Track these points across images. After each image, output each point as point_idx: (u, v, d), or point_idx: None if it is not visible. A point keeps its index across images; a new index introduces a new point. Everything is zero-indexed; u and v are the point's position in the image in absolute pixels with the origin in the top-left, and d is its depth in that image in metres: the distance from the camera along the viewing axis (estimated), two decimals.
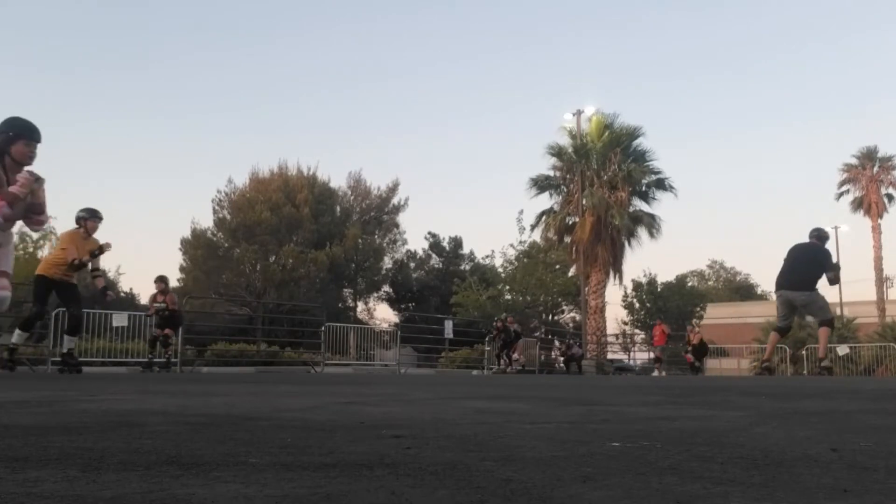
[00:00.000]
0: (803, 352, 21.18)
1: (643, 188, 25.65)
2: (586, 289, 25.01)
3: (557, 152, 26.10)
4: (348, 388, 3.83)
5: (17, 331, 8.02)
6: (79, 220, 8.13)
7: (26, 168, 5.00)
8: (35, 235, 26.50)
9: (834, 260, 8.54)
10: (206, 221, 31.23)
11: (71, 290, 7.84)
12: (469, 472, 0.95)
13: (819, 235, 8.28)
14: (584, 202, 24.58)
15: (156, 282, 11.24)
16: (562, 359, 21.70)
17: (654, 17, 60.84)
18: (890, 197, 33.55)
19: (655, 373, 18.39)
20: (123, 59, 50.17)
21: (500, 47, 61.70)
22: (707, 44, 61.33)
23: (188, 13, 50.80)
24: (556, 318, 31.93)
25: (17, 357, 8.05)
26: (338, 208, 32.24)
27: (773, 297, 9.14)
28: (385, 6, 57.12)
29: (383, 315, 36.24)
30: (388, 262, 33.77)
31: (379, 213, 33.11)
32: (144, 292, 50.54)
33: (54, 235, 26.98)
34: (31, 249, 26.35)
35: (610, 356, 26.01)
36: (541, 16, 60.18)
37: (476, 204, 63.90)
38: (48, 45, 47.41)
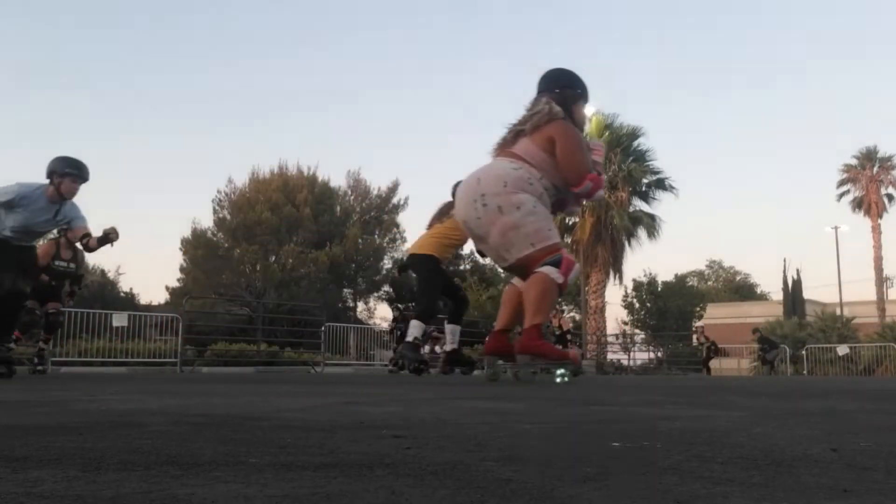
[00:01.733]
0: (803, 352, 21.20)
1: (643, 188, 25.66)
2: (586, 289, 25.03)
3: None
4: (348, 388, 3.83)
5: (416, 322, 6.39)
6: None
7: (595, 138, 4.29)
8: None
9: None
10: (207, 221, 31.26)
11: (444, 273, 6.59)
12: (469, 472, 0.95)
13: None
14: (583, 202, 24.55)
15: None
16: None
17: (654, 17, 60.85)
18: (890, 197, 33.56)
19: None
20: (124, 59, 50.19)
21: (499, 47, 61.74)
22: (707, 44, 61.35)
23: (188, 13, 50.80)
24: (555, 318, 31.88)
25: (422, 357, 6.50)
26: (338, 208, 32.25)
27: (773, 297, 9.15)
28: (384, 7, 57.14)
29: (383, 315, 36.19)
30: (388, 262, 33.77)
31: (379, 212, 33.11)
32: (145, 292, 50.57)
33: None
34: None
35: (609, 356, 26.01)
36: (541, 16, 60.21)
37: None
38: (48, 42, 47.42)
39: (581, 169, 3.95)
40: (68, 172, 5.12)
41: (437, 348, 15.89)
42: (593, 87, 4.43)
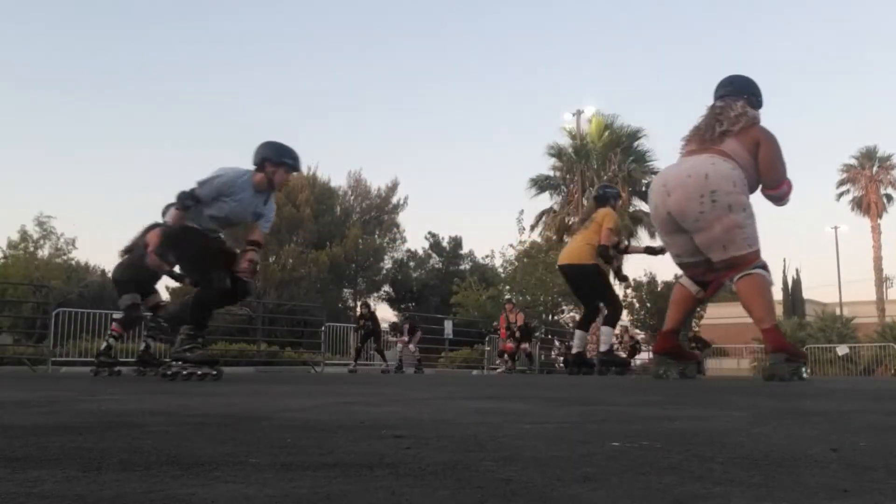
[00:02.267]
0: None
1: (643, 188, 25.69)
2: None
3: (557, 152, 26.16)
4: (348, 387, 3.83)
5: (607, 329, 6.94)
6: (611, 196, 7.09)
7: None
8: (36, 235, 26.48)
9: None
10: None
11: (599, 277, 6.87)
12: (469, 472, 0.95)
13: None
14: (584, 202, 24.62)
15: None
16: (561, 359, 21.70)
17: (653, 17, 60.87)
18: (889, 197, 33.59)
19: (502, 368, 15.64)
20: (124, 60, 50.21)
21: (500, 47, 61.73)
22: (707, 44, 61.35)
23: (190, 15, 50.83)
24: (556, 317, 31.94)
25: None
26: (338, 208, 32.30)
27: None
28: (383, 7, 57.17)
29: (383, 315, 36.20)
30: (388, 262, 33.82)
31: (379, 212, 33.15)
32: None
33: (54, 234, 26.97)
34: (31, 249, 26.29)
35: None
36: (540, 17, 60.21)
37: (476, 204, 63.91)
38: (50, 47, 47.46)
39: (781, 173, 4.24)
40: (285, 162, 4.58)
41: (412, 346, 15.58)
42: (592, 87, 4.55)
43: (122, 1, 48.57)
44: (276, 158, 4.55)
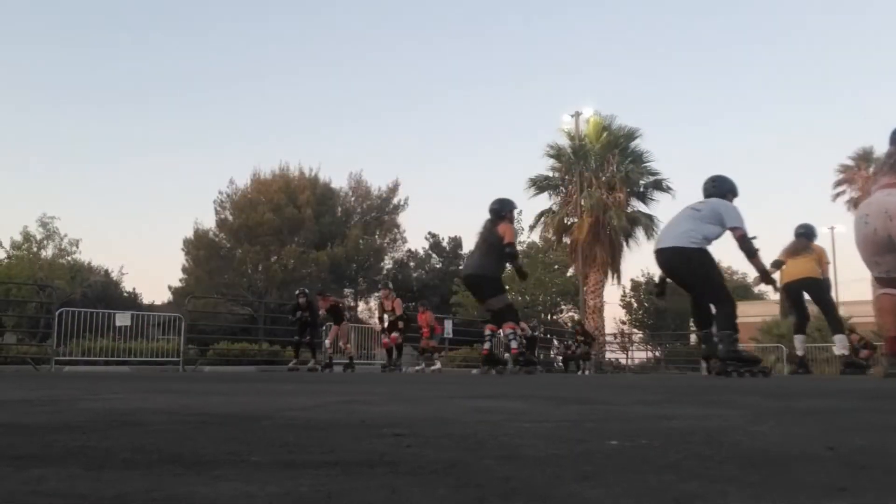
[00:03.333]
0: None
1: (641, 189, 25.67)
2: (584, 288, 25.03)
3: (556, 153, 26.12)
4: (349, 386, 3.83)
5: (840, 336, 8.72)
6: (814, 234, 8.92)
7: None
8: (39, 236, 26.44)
9: None
10: (209, 222, 31.31)
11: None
12: (469, 471, 0.96)
13: None
14: (582, 203, 24.60)
15: None
16: (560, 358, 21.70)
17: (652, 17, 60.80)
18: None
19: (420, 367, 14.76)
20: (124, 61, 50.16)
21: (500, 50, 61.69)
22: (705, 44, 61.28)
23: (188, 14, 50.80)
24: (554, 317, 31.95)
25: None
26: (339, 209, 32.32)
27: (770, 296, 10.29)
28: (384, 10, 57.14)
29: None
30: (388, 262, 33.83)
31: (379, 213, 33.16)
32: (147, 292, 50.61)
33: (57, 235, 26.91)
34: (35, 249, 26.27)
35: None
36: (541, 19, 60.15)
37: (476, 204, 63.94)
38: (52, 46, 47.41)
39: None
40: (737, 193, 6.28)
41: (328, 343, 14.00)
42: (592, 88, 4.58)
43: (123, 6, 48.55)
44: (737, 191, 6.42)
